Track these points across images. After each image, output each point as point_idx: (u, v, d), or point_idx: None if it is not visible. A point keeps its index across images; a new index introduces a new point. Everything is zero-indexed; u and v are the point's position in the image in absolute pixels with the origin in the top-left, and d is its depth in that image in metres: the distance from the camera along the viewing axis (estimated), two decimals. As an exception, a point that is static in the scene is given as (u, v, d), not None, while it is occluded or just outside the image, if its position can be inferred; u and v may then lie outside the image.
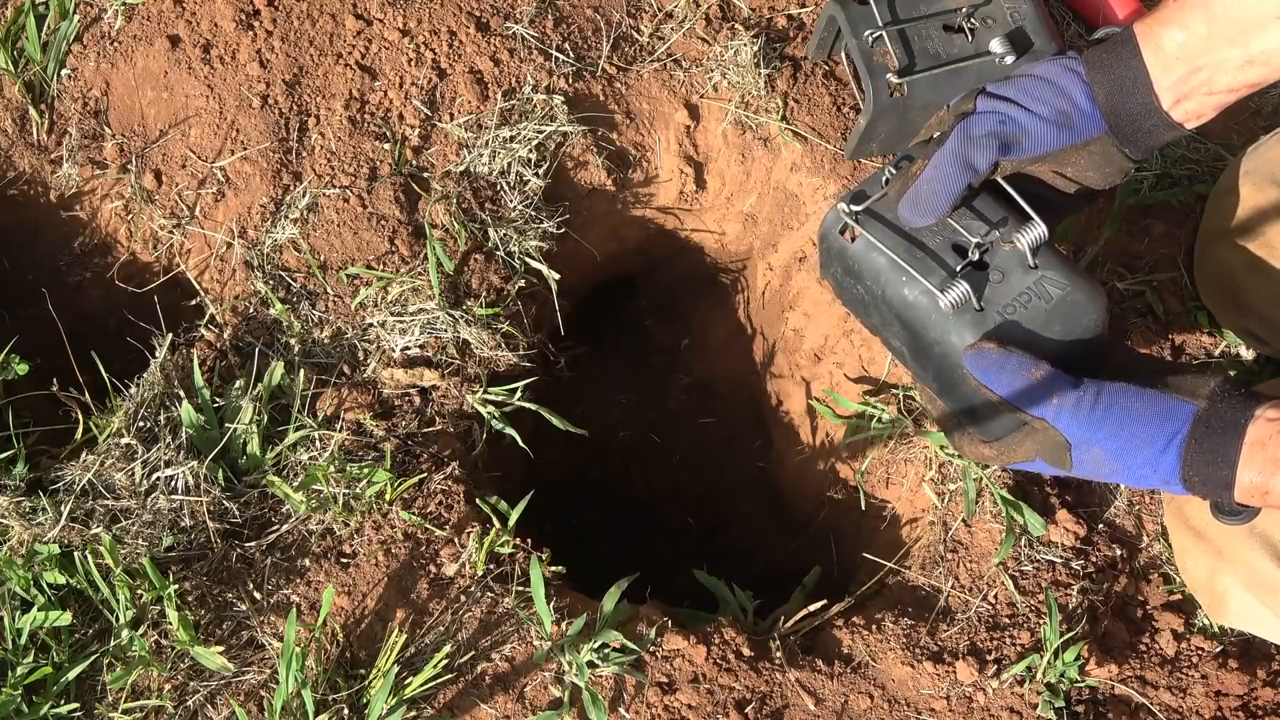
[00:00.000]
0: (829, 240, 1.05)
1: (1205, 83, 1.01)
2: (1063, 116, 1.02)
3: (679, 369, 1.93)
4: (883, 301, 1.03)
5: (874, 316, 1.06)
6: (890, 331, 1.05)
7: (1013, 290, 0.99)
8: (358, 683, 1.13)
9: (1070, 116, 1.02)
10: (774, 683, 1.16)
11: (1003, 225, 1.02)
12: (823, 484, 1.53)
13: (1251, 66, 0.99)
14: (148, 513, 1.17)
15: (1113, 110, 1.02)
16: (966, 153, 1.01)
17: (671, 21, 1.46)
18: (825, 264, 1.09)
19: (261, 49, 1.40)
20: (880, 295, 1.02)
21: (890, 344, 1.08)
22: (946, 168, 1.01)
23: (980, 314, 0.98)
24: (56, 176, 1.41)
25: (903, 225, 1.04)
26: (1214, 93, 1.01)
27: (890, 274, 1.01)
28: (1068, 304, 0.98)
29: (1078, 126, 1.02)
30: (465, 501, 1.24)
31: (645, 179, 1.47)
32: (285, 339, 1.30)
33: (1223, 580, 1.15)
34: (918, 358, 1.04)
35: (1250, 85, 1.01)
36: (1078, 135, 1.03)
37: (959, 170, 1.01)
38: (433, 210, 1.34)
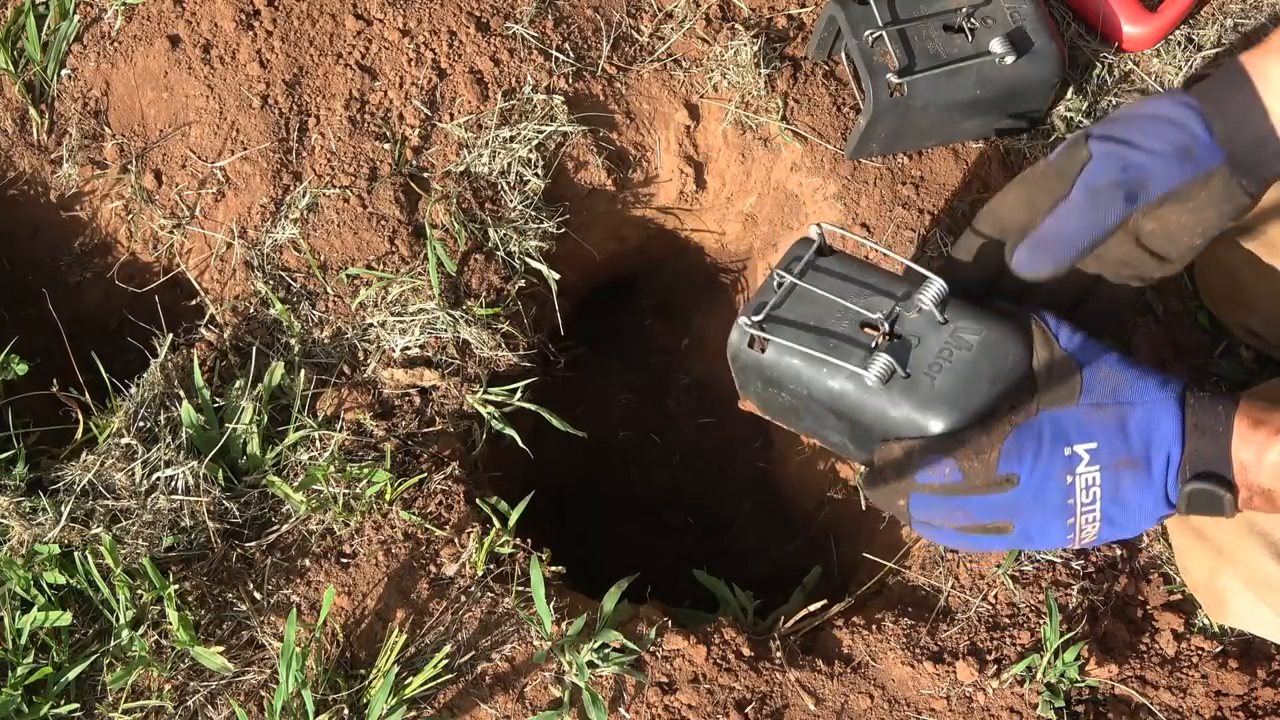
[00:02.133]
0: (741, 358, 1.05)
1: None
2: (1184, 151, 0.99)
3: (679, 369, 1.93)
4: (811, 400, 1.02)
5: (806, 419, 1.06)
6: (827, 427, 1.05)
7: (931, 350, 0.98)
8: (358, 683, 1.13)
9: (1192, 150, 0.99)
10: (774, 683, 1.16)
11: (904, 293, 1.01)
12: (823, 484, 1.53)
13: None
14: (148, 513, 1.17)
15: (1230, 138, 1.00)
16: (1093, 204, 0.98)
17: (671, 21, 1.46)
18: (743, 383, 1.09)
19: (261, 49, 1.40)
20: (806, 395, 1.02)
21: (830, 440, 1.07)
22: (1072, 217, 0.98)
23: (908, 380, 0.97)
24: (56, 176, 1.41)
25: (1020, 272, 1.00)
26: None
27: (810, 371, 1.00)
28: (988, 346, 0.97)
29: (1199, 159, 0.99)
30: (465, 501, 1.24)
31: (645, 179, 1.47)
32: (285, 339, 1.30)
33: (1223, 579, 1.15)
34: (861, 444, 1.03)
35: None
36: (1199, 167, 1.00)
37: (1087, 221, 0.98)
38: (433, 210, 1.34)
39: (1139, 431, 0.94)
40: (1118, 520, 0.96)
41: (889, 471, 0.98)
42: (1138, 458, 0.94)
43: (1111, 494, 0.95)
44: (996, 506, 0.95)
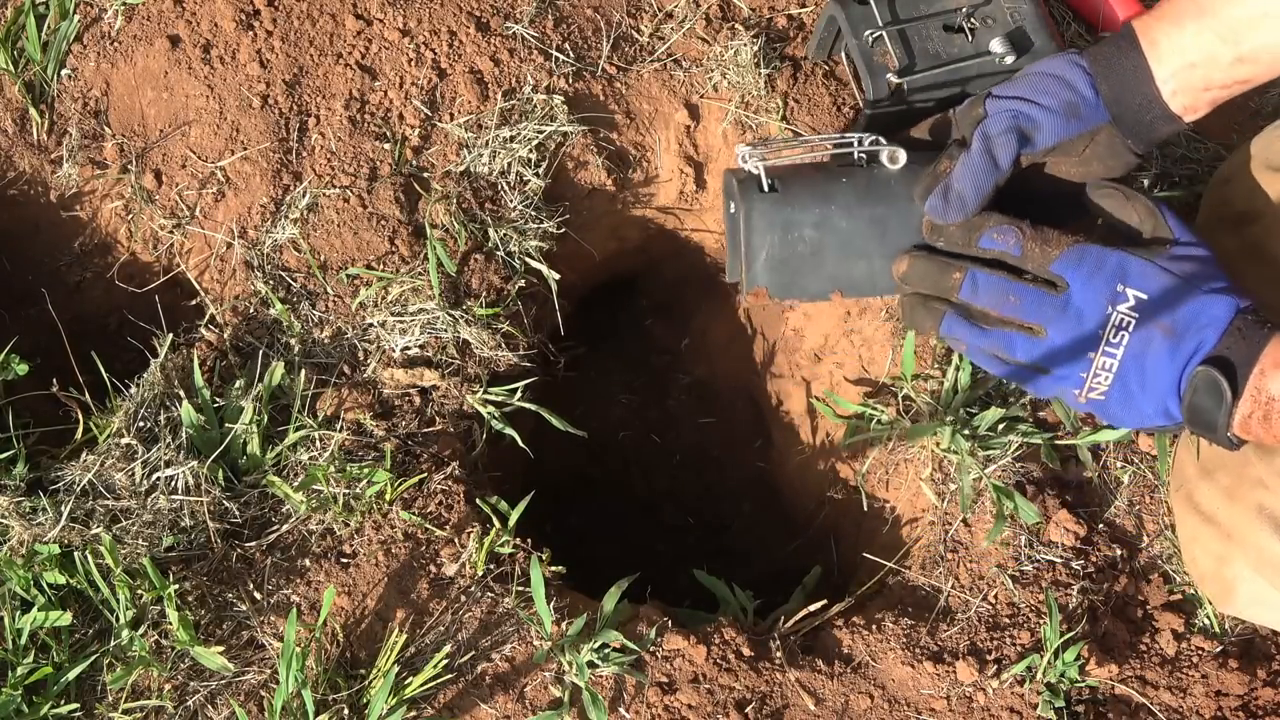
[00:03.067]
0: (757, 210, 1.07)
1: (1201, 79, 1.06)
2: (1070, 108, 1.07)
3: (679, 369, 1.93)
4: (834, 220, 1.06)
5: (829, 258, 1.07)
6: (853, 253, 1.07)
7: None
8: (358, 683, 1.13)
9: (1078, 107, 1.07)
10: (774, 683, 1.16)
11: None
12: (823, 484, 1.53)
13: (1242, 64, 1.04)
14: (148, 513, 1.17)
15: (1115, 100, 1.07)
16: (989, 151, 1.06)
17: (671, 21, 1.46)
18: (755, 251, 1.07)
19: (261, 49, 1.40)
20: (829, 216, 1.05)
21: (856, 277, 1.09)
22: (973, 165, 1.06)
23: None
24: (56, 176, 1.41)
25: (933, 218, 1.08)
26: (1209, 88, 1.06)
27: (828, 184, 1.06)
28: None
29: (1085, 116, 1.08)
30: (465, 501, 1.24)
31: (645, 179, 1.47)
32: (285, 339, 1.30)
33: (1233, 566, 1.15)
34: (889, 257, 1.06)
35: (1242, 82, 1.06)
36: (1085, 124, 1.08)
37: (985, 167, 1.06)
38: (433, 210, 1.34)
39: (1189, 308, 1.00)
40: (1130, 384, 1.01)
41: (952, 238, 1.07)
42: (1177, 327, 0.99)
43: (1138, 350, 1.00)
44: (1039, 302, 1.03)
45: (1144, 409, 1.02)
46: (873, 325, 1.37)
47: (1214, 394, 0.97)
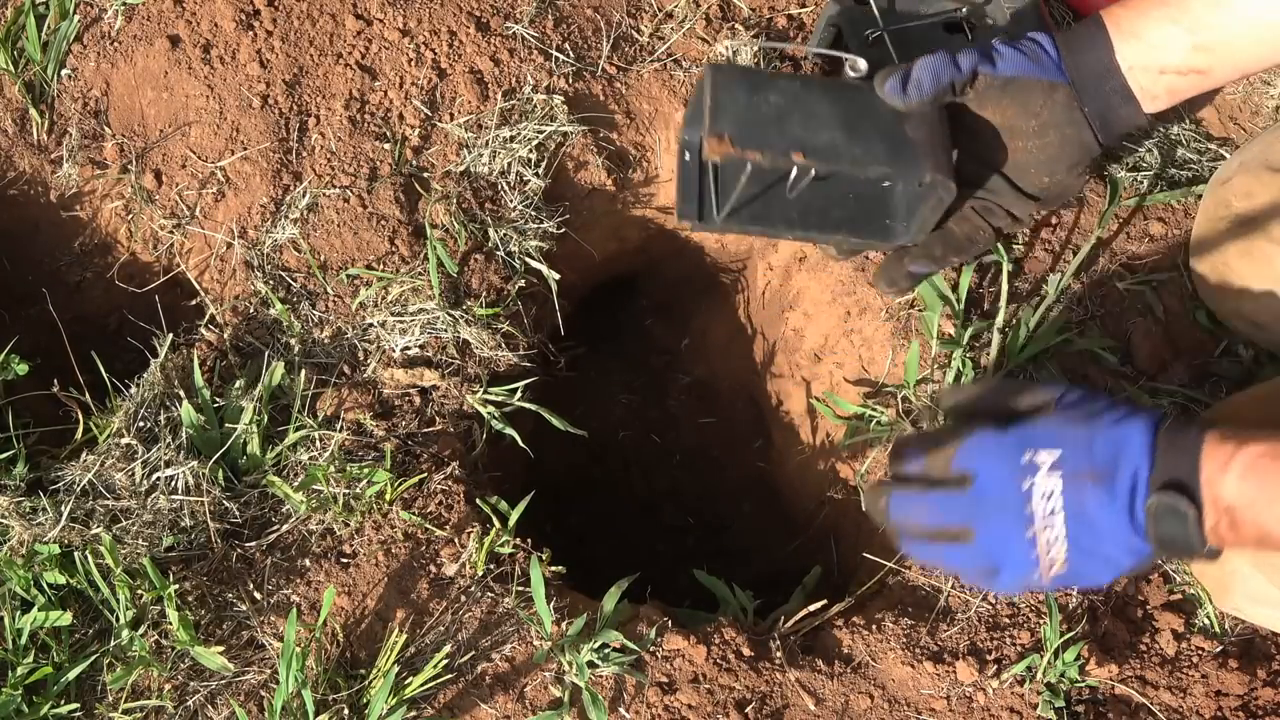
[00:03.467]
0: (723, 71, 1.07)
1: (1157, 60, 1.08)
2: (1034, 55, 1.10)
3: (679, 369, 1.94)
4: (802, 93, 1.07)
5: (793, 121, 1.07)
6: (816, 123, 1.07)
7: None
8: (358, 683, 1.13)
9: (1040, 56, 1.11)
10: (774, 683, 1.16)
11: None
12: (823, 484, 1.53)
13: (1199, 52, 1.07)
14: (148, 513, 1.17)
15: (1075, 65, 1.10)
16: (954, 55, 1.10)
17: (671, 21, 1.46)
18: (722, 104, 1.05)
19: (261, 49, 1.40)
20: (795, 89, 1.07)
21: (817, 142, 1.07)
22: (937, 61, 1.09)
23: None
24: (56, 176, 1.41)
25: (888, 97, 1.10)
26: (1165, 72, 1.09)
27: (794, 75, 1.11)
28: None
29: (1045, 66, 1.10)
30: (465, 501, 1.24)
31: (645, 179, 1.47)
32: (285, 339, 1.30)
33: (1231, 562, 1.15)
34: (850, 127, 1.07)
35: (1199, 72, 1.08)
36: (1044, 73, 1.10)
37: (944, 63, 1.09)
38: (433, 210, 1.34)
39: (1107, 445, 0.92)
40: (1085, 543, 0.93)
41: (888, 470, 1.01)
42: (1102, 471, 0.91)
43: (1076, 509, 0.92)
44: (954, 505, 0.95)
45: (1111, 560, 0.94)
46: (873, 325, 1.37)
47: (1177, 518, 0.90)
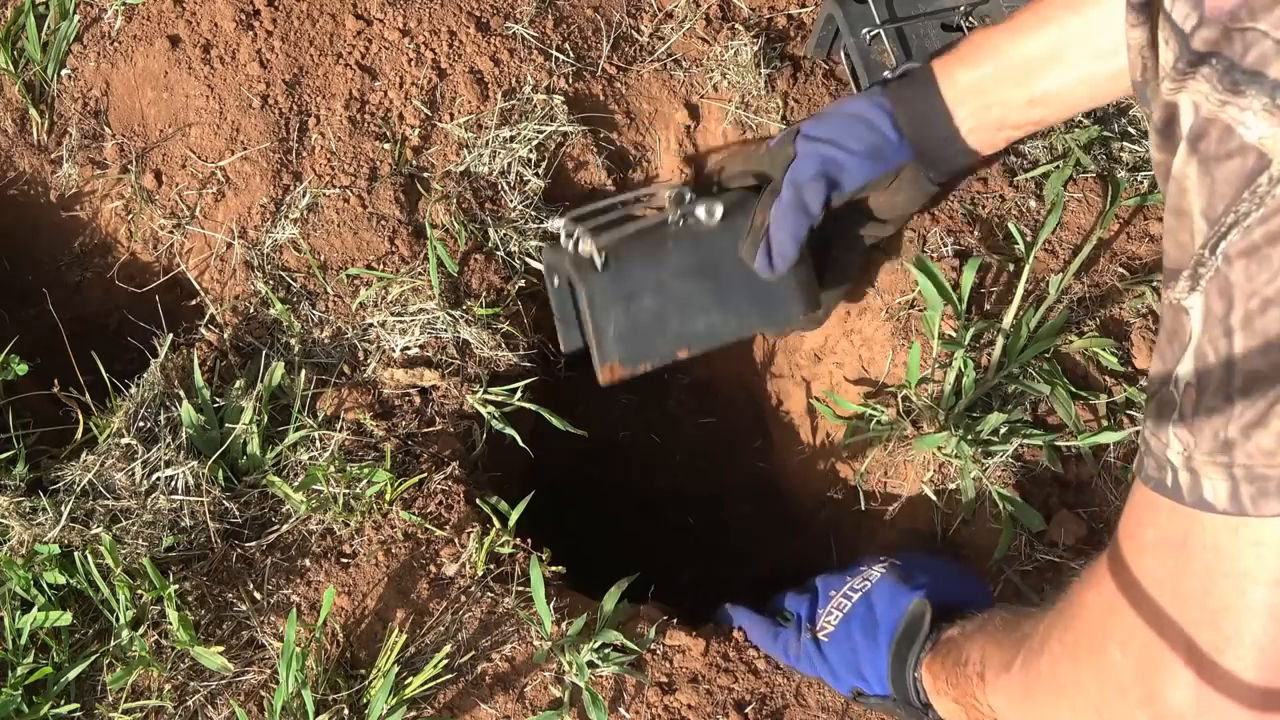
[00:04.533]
0: (596, 286, 1.13)
1: (996, 119, 1.11)
2: (875, 150, 1.13)
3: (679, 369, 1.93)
4: (672, 281, 1.13)
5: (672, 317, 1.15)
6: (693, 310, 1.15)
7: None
8: (358, 683, 1.13)
9: (882, 149, 1.13)
10: (774, 683, 1.16)
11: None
12: (823, 484, 1.53)
13: (1034, 106, 1.09)
14: (148, 513, 1.17)
15: (917, 140, 1.13)
16: (800, 200, 1.12)
17: (671, 21, 1.46)
18: (602, 328, 1.14)
19: (261, 49, 1.40)
20: (664, 280, 1.13)
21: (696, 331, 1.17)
22: (788, 218, 1.13)
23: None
24: (56, 176, 1.41)
25: (762, 275, 1.16)
26: (1003, 128, 1.12)
27: (657, 249, 1.13)
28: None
29: (888, 157, 1.14)
30: (465, 501, 1.24)
31: (645, 179, 1.47)
32: (285, 339, 1.30)
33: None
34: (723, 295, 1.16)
35: (1035, 123, 1.12)
36: (889, 164, 1.14)
37: (798, 218, 1.12)
38: (433, 210, 1.34)
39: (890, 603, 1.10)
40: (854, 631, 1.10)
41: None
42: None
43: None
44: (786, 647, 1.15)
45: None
46: (873, 325, 1.37)
47: (917, 622, 1.04)
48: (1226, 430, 0.55)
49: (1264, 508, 0.55)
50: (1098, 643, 0.69)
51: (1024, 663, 0.82)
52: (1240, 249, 0.51)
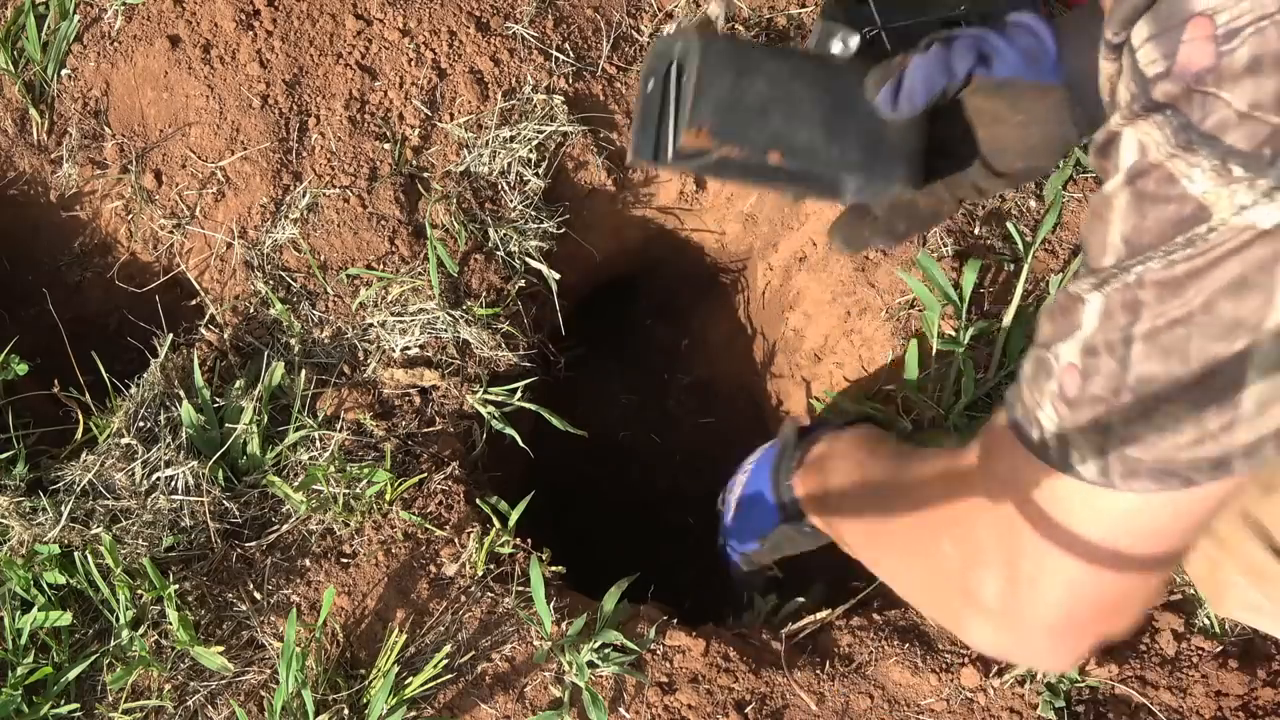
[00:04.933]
0: (714, 45, 1.01)
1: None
2: (1031, 53, 1.06)
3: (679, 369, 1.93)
4: (789, 77, 1.02)
5: (775, 115, 1.04)
6: (799, 118, 1.04)
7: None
8: (358, 683, 1.13)
9: (1039, 58, 1.06)
10: (774, 683, 1.16)
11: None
12: (823, 484, 1.53)
13: None
14: (148, 513, 1.17)
15: (1072, 67, 1.06)
16: (947, 57, 1.05)
17: (671, 22, 1.46)
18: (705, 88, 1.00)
19: (261, 49, 1.40)
20: (782, 72, 1.02)
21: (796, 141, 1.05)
22: (929, 65, 1.05)
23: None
24: (56, 176, 1.41)
25: (882, 111, 1.06)
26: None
27: (782, 50, 1.04)
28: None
29: (1043, 67, 1.07)
30: (465, 501, 1.24)
31: (645, 179, 1.47)
32: (285, 339, 1.30)
33: (1224, 571, 1.15)
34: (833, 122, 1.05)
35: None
36: (1042, 75, 1.07)
37: (939, 70, 1.05)
38: (433, 210, 1.34)
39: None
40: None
41: None
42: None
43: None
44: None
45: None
46: (873, 325, 1.37)
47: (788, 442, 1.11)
48: (1108, 419, 0.63)
49: (1133, 485, 0.64)
50: (937, 532, 0.80)
51: (871, 523, 0.96)
52: (1159, 278, 0.58)
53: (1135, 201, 0.59)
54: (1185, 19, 0.56)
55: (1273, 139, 0.54)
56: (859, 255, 1.38)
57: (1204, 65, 0.55)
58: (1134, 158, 0.59)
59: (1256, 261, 0.56)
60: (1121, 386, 0.62)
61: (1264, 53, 0.53)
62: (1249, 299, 0.57)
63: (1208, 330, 0.59)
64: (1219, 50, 0.54)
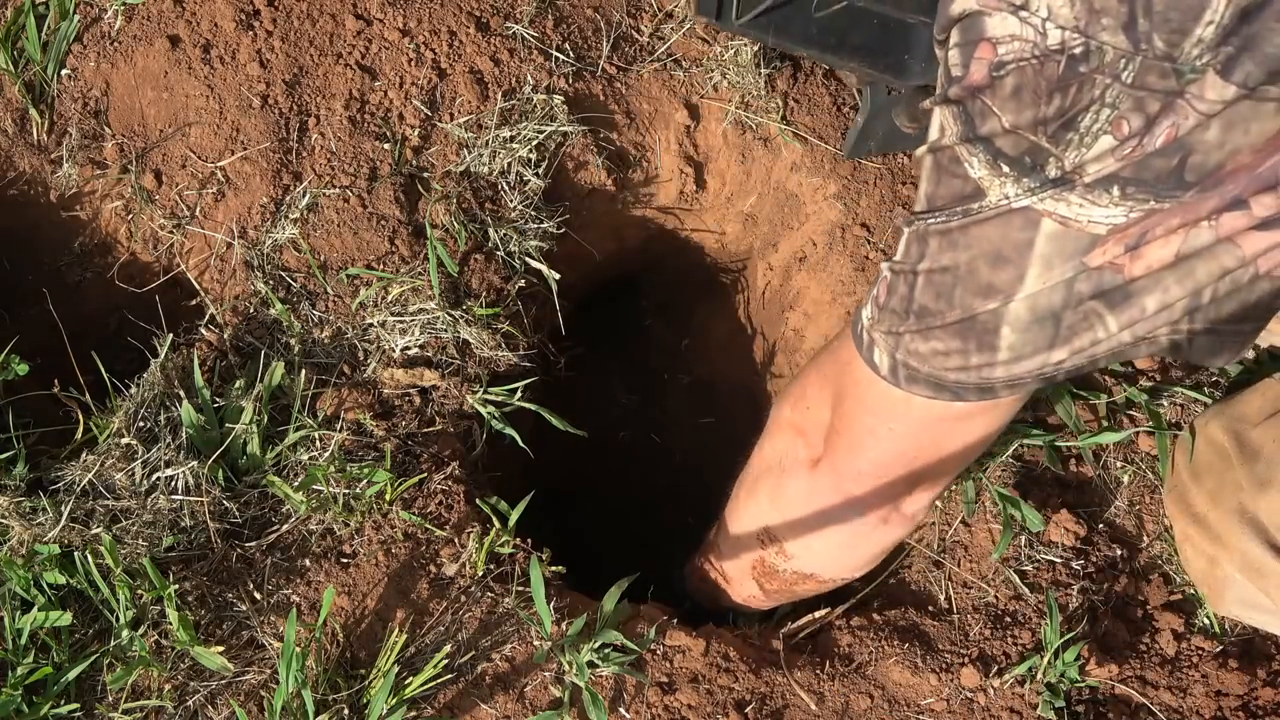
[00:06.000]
0: None
1: None
2: None
3: (679, 369, 1.93)
4: None
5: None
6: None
7: None
8: (358, 683, 1.13)
9: None
10: (774, 683, 1.16)
11: None
12: (823, 484, 1.53)
13: None
14: (148, 513, 1.17)
15: None
16: None
17: (671, 21, 1.46)
18: None
19: (261, 49, 1.40)
20: None
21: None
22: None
23: None
24: (56, 176, 1.41)
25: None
26: None
27: None
28: None
29: None
30: (465, 501, 1.24)
31: (645, 179, 1.47)
32: (285, 339, 1.30)
33: (1222, 568, 1.15)
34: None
35: None
36: None
37: None
38: (433, 210, 1.34)
39: None
40: None
41: None
42: None
43: None
44: None
45: None
46: (873, 325, 1.37)
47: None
48: (898, 329, 0.80)
49: (911, 389, 0.82)
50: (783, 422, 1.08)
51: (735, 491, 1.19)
52: (939, 229, 0.74)
53: (934, 169, 0.73)
54: (978, 39, 0.67)
55: (1031, 151, 0.66)
56: (859, 255, 1.38)
57: (982, 82, 0.67)
58: (936, 135, 0.72)
59: (1012, 242, 0.70)
60: (908, 308, 0.78)
61: (1022, 85, 0.65)
62: (1003, 271, 0.71)
63: (969, 285, 0.73)
64: (992, 75, 0.66)
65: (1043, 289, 0.71)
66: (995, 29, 0.66)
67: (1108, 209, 0.66)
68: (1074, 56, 0.63)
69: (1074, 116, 0.64)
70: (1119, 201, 0.65)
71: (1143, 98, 0.62)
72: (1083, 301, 0.71)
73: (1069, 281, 0.70)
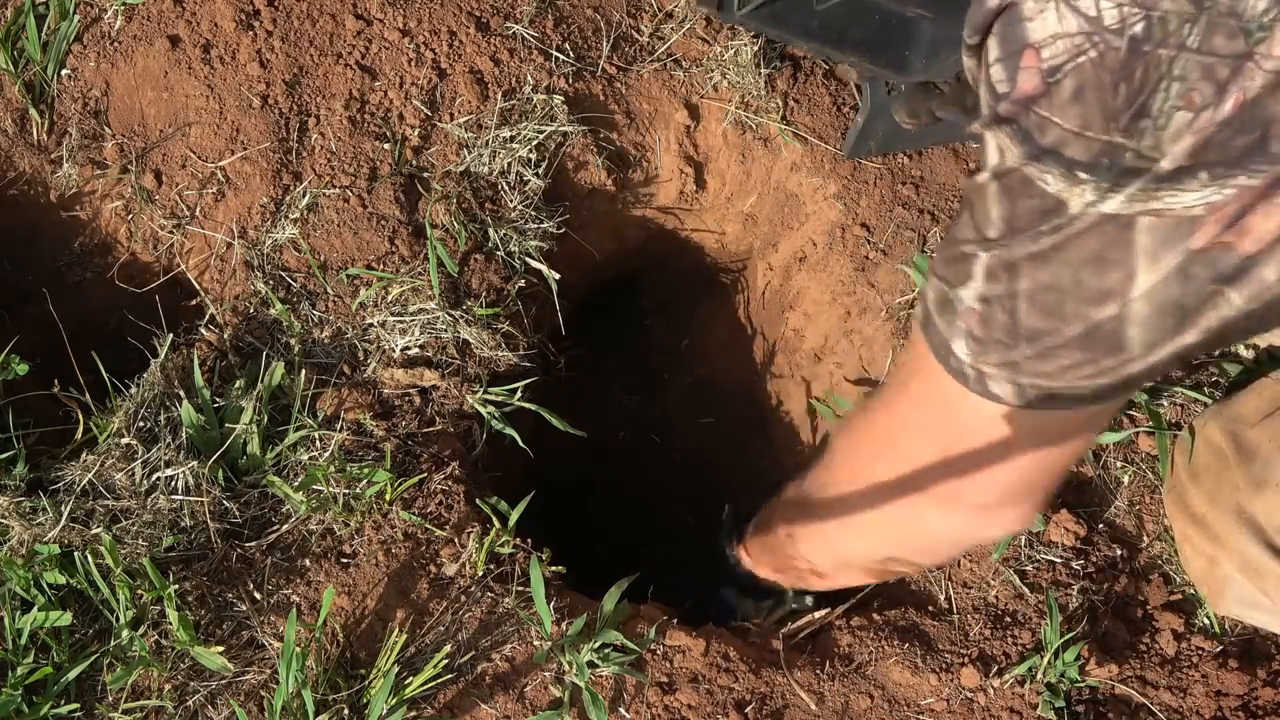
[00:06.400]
0: None
1: None
2: None
3: (679, 369, 1.93)
4: None
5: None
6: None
7: None
8: (358, 683, 1.13)
9: None
10: (774, 683, 1.16)
11: None
12: (823, 484, 1.53)
13: None
14: (148, 513, 1.17)
15: None
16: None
17: (671, 21, 1.46)
18: None
19: (261, 49, 1.40)
20: None
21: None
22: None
23: None
24: (56, 176, 1.41)
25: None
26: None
27: None
28: None
29: None
30: (465, 501, 1.24)
31: (645, 179, 1.47)
32: (285, 339, 1.30)
33: (1221, 567, 1.16)
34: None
35: None
36: None
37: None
38: (433, 210, 1.34)
39: None
40: None
41: None
42: None
43: None
44: None
45: None
46: (873, 325, 1.37)
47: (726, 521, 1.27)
48: (1011, 358, 0.76)
49: (1043, 407, 0.77)
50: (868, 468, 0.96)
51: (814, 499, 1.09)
52: (1030, 252, 0.70)
53: (1004, 193, 0.70)
54: (1021, 48, 0.64)
55: (1106, 150, 0.64)
56: (859, 255, 1.38)
57: (1035, 91, 0.64)
58: (996, 159, 0.69)
59: (1111, 244, 0.67)
60: (1015, 334, 0.74)
61: (1084, 84, 0.62)
62: (1111, 274, 0.69)
63: (1079, 297, 0.71)
64: (1046, 81, 0.64)
65: (1157, 282, 0.69)
66: (1036, 33, 0.64)
67: (1199, 192, 0.64)
68: (1135, 37, 0.60)
69: (1146, 101, 0.62)
70: (1208, 183, 0.63)
71: (1211, 64, 0.60)
72: (1202, 284, 0.68)
73: (1181, 267, 0.68)
